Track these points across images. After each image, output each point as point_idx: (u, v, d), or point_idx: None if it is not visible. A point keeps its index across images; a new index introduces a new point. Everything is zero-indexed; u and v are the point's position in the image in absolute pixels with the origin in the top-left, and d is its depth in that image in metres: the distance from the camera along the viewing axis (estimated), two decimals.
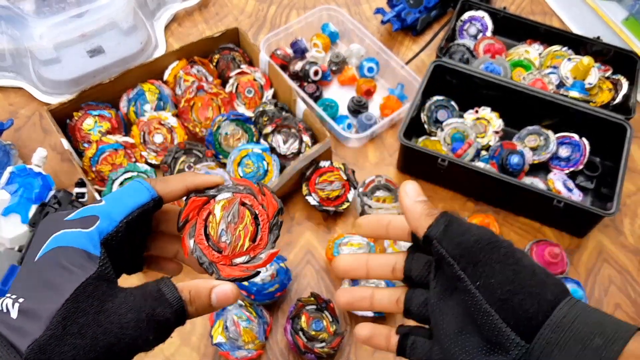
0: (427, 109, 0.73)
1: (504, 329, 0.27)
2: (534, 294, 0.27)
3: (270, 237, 0.32)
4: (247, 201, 0.32)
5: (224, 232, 0.32)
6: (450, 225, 0.30)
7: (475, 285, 0.28)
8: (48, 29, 0.70)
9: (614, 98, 0.75)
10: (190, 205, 0.32)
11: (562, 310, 0.27)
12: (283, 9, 0.89)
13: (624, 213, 0.71)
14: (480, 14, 0.81)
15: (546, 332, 0.26)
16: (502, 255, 0.28)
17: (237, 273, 0.31)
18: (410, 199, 0.32)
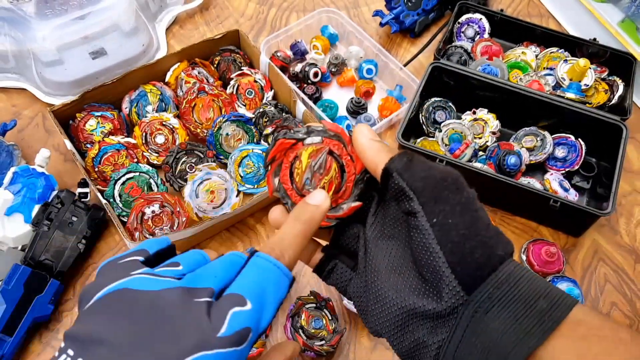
0: (425, 110, 0.74)
1: (448, 274, 0.25)
2: (487, 245, 0.25)
3: (354, 191, 0.31)
4: (336, 150, 0.31)
5: (308, 181, 0.31)
6: (414, 160, 0.28)
7: (430, 222, 0.26)
8: (51, 31, 0.70)
9: (609, 99, 0.75)
10: (278, 146, 0.31)
11: (508, 267, 0.25)
12: (283, 12, 0.90)
13: (619, 213, 0.71)
14: (477, 17, 0.82)
15: (490, 286, 0.25)
16: (464, 199, 0.26)
17: None
18: (366, 138, 0.29)
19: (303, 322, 0.57)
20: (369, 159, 0.29)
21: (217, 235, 0.67)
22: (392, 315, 0.28)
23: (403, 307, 0.27)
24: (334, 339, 0.57)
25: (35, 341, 0.59)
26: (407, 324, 0.27)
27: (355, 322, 0.61)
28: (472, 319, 0.25)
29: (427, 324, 0.27)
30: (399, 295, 0.27)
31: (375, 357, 0.59)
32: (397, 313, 0.27)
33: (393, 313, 0.28)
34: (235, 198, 0.65)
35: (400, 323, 0.28)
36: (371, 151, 0.29)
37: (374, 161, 0.29)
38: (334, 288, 0.63)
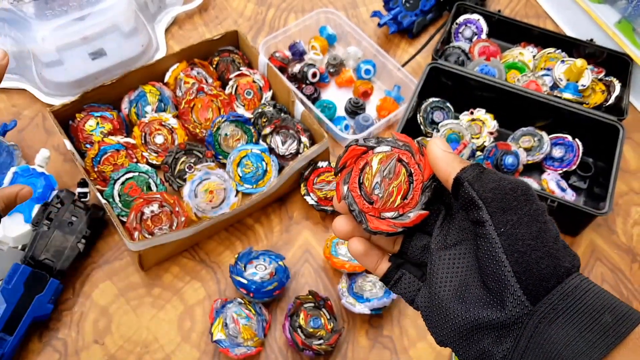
0: (423, 110, 0.74)
1: (513, 283, 0.26)
2: (553, 256, 0.26)
3: (422, 198, 0.32)
4: (405, 158, 0.32)
5: (377, 185, 0.32)
6: (485, 171, 0.29)
7: (498, 232, 0.26)
8: (50, 32, 0.71)
9: (606, 99, 0.75)
10: (349, 153, 0.33)
11: (575, 280, 0.26)
12: (281, 12, 0.90)
13: (616, 212, 0.72)
14: (475, 17, 0.82)
15: (554, 298, 0.25)
16: (533, 210, 0.27)
17: (384, 227, 0.32)
18: (440, 149, 0.30)
19: (301, 321, 0.58)
20: (441, 168, 0.30)
21: (215, 235, 0.67)
22: (457, 326, 0.28)
23: (467, 318, 0.28)
24: (332, 338, 0.57)
25: (35, 340, 0.59)
26: (472, 335, 0.28)
27: (353, 321, 0.62)
28: (537, 329, 0.26)
29: (492, 333, 0.27)
30: (463, 306, 0.28)
31: (373, 356, 0.60)
32: (462, 324, 0.28)
33: (458, 324, 0.28)
34: (233, 198, 0.66)
35: (466, 334, 0.28)
36: (444, 161, 0.30)
37: (446, 170, 0.30)
38: (332, 287, 0.64)
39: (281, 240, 0.67)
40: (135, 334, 0.60)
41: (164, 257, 0.64)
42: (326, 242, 0.64)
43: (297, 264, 0.66)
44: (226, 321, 0.57)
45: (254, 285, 0.58)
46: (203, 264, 0.65)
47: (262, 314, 0.60)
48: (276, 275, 0.60)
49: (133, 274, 0.63)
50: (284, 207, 0.70)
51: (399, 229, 0.31)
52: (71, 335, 0.59)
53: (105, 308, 0.61)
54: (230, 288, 0.63)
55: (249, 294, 0.58)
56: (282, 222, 0.69)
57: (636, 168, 0.76)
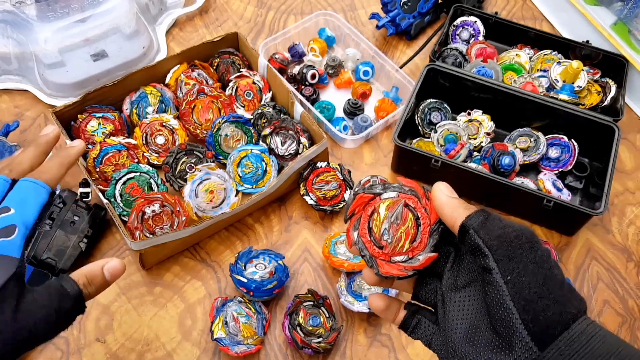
0: (420, 111, 0.75)
1: (521, 330, 0.26)
2: (559, 303, 0.27)
3: (430, 241, 0.33)
4: (411, 203, 0.33)
5: (386, 231, 0.33)
6: (490, 218, 0.29)
7: (505, 279, 0.27)
8: (53, 34, 0.71)
9: (602, 100, 0.76)
10: (357, 201, 0.34)
11: (581, 325, 0.26)
12: (281, 15, 0.91)
13: (612, 212, 0.72)
14: (472, 19, 0.83)
15: (561, 344, 0.26)
16: (538, 257, 0.28)
17: (395, 271, 0.33)
18: (445, 195, 0.32)
19: (301, 319, 0.58)
20: (447, 214, 0.31)
21: (216, 235, 0.67)
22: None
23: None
24: (331, 336, 0.57)
25: None
26: None
27: (352, 319, 0.62)
28: None
29: None
30: (475, 350, 0.29)
31: (371, 354, 0.60)
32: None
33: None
34: (234, 198, 0.66)
35: None
36: (449, 207, 0.31)
37: (452, 217, 0.31)
38: (331, 286, 0.64)
39: (281, 239, 0.68)
40: (136, 332, 0.60)
41: (165, 256, 0.65)
42: (325, 242, 0.64)
43: (297, 263, 0.66)
44: (226, 319, 0.58)
45: (253, 284, 0.58)
46: (203, 263, 0.65)
47: (261, 313, 0.60)
48: (276, 274, 0.60)
49: (134, 273, 0.64)
50: (284, 206, 0.70)
51: (410, 272, 0.32)
52: (73, 333, 0.60)
53: (106, 306, 0.62)
54: (231, 287, 0.64)
55: (249, 293, 0.59)
56: (282, 222, 0.69)
57: (631, 168, 0.77)
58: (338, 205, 0.68)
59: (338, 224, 0.69)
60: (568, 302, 0.27)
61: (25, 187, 0.35)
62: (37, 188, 0.35)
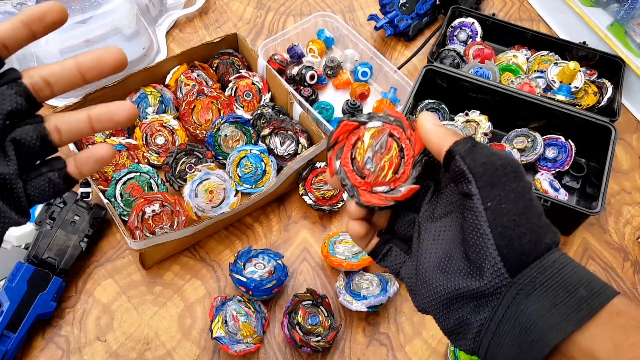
0: (418, 111, 0.75)
1: (495, 255, 0.26)
2: (535, 232, 0.26)
3: (413, 173, 0.32)
4: (396, 133, 0.32)
5: (369, 160, 0.32)
6: (477, 145, 0.29)
7: (485, 205, 0.27)
8: (53, 35, 0.71)
9: (599, 101, 0.76)
10: (341, 128, 0.33)
11: (554, 255, 0.27)
12: (280, 16, 0.91)
13: (608, 212, 0.73)
14: (470, 21, 0.83)
15: (533, 271, 0.26)
16: (520, 187, 0.27)
17: (376, 201, 0.32)
18: (431, 123, 0.31)
19: (300, 318, 0.58)
20: (433, 141, 0.30)
21: (215, 234, 0.68)
22: (439, 296, 0.29)
23: (449, 287, 0.28)
24: (330, 335, 0.58)
25: (38, 337, 0.60)
26: (452, 303, 0.29)
27: (350, 318, 0.63)
28: (514, 300, 0.26)
29: (471, 303, 0.28)
30: (445, 276, 0.29)
31: (369, 352, 0.60)
32: (443, 293, 0.29)
33: (439, 293, 0.29)
34: (233, 198, 0.66)
35: (446, 303, 0.29)
36: (436, 134, 0.30)
37: (439, 143, 0.30)
38: (330, 285, 0.65)
39: (280, 239, 0.68)
40: (136, 331, 0.61)
41: (165, 255, 0.65)
42: (324, 241, 0.65)
43: (296, 262, 0.66)
44: (226, 318, 0.58)
45: (253, 283, 0.58)
46: (203, 263, 0.66)
47: (261, 312, 0.60)
48: (275, 273, 0.60)
49: (134, 273, 0.64)
50: (283, 206, 0.71)
51: (391, 202, 0.32)
52: (74, 332, 0.60)
53: (107, 306, 0.62)
54: (230, 286, 0.64)
55: (249, 292, 0.59)
56: (281, 222, 0.70)
57: (628, 168, 0.77)
58: (337, 205, 0.68)
59: (337, 224, 0.70)
60: (544, 232, 0.27)
61: None
62: None
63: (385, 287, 0.61)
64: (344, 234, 0.66)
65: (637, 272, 0.68)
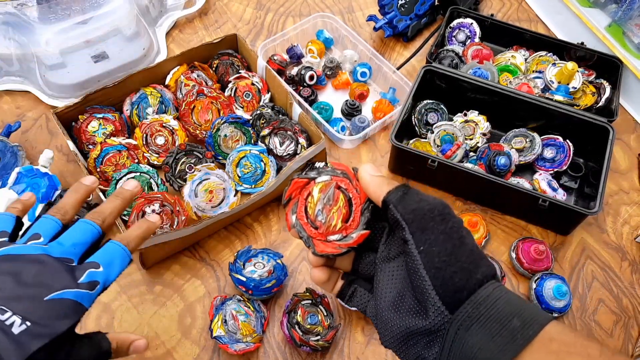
0: (417, 112, 0.75)
1: (433, 295, 0.28)
2: (465, 270, 0.29)
3: (362, 219, 0.34)
4: (343, 185, 0.35)
5: (319, 212, 0.35)
6: (408, 193, 0.32)
7: (418, 250, 0.29)
8: (54, 35, 0.72)
9: (597, 101, 0.77)
10: (293, 186, 0.36)
11: (487, 289, 0.28)
12: (279, 17, 0.91)
13: (606, 212, 0.73)
14: (468, 21, 0.83)
15: (469, 307, 0.28)
16: (448, 228, 0.30)
17: (329, 249, 0.34)
18: (368, 174, 0.34)
19: (299, 318, 0.58)
20: (372, 191, 0.33)
21: (215, 234, 0.68)
22: (396, 333, 0.31)
23: (402, 326, 0.31)
24: (329, 334, 0.58)
25: None
26: (408, 340, 0.31)
27: (349, 318, 0.63)
28: (456, 335, 0.28)
29: (423, 339, 0.30)
30: (399, 315, 0.31)
31: (368, 352, 0.61)
32: (399, 331, 0.31)
33: (396, 331, 0.31)
34: (233, 197, 0.67)
35: (403, 340, 0.31)
36: (373, 185, 0.33)
37: (376, 193, 0.33)
38: None
39: (279, 238, 0.68)
40: (136, 330, 0.61)
41: (165, 255, 0.65)
42: None
43: (295, 262, 0.67)
44: (226, 318, 0.58)
45: (252, 283, 0.59)
46: (203, 262, 0.66)
47: (260, 311, 0.61)
48: (274, 273, 0.61)
49: (135, 272, 0.65)
50: (282, 206, 0.71)
51: (344, 249, 0.34)
52: None
53: (107, 305, 0.62)
54: (230, 285, 0.64)
55: (248, 292, 0.59)
56: (280, 221, 0.70)
57: (626, 168, 0.78)
58: None
59: None
60: (475, 268, 0.29)
61: (115, 250, 0.40)
62: (123, 254, 0.40)
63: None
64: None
65: (635, 272, 0.68)
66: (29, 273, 0.35)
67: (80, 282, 0.36)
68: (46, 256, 0.37)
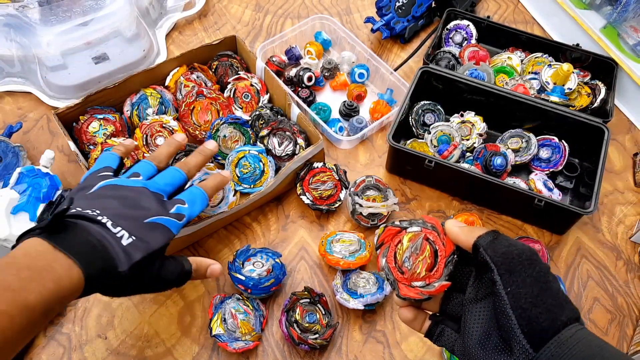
0: (414, 112, 0.76)
1: (518, 334, 0.30)
2: (551, 311, 0.31)
3: (445, 271, 0.38)
4: (431, 237, 0.39)
5: (407, 259, 0.39)
6: (498, 237, 0.34)
7: (506, 290, 0.31)
8: (55, 37, 0.72)
9: (592, 102, 0.77)
10: (386, 232, 0.40)
11: (570, 331, 0.30)
12: (278, 18, 0.92)
13: (601, 211, 0.73)
14: (465, 23, 0.84)
15: (552, 347, 0.30)
16: (535, 272, 0.32)
17: (412, 294, 0.38)
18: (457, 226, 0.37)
19: (297, 316, 0.59)
20: (463, 239, 0.36)
21: (215, 233, 0.69)
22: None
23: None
24: (327, 332, 0.58)
25: (40, 335, 0.60)
26: None
27: (347, 316, 0.63)
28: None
29: None
30: (484, 353, 0.33)
31: (366, 350, 0.61)
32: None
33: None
34: (232, 197, 0.67)
35: None
36: (463, 234, 0.36)
37: (467, 239, 0.36)
38: (327, 284, 0.65)
39: (278, 238, 0.69)
40: (137, 329, 0.61)
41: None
42: (321, 240, 0.65)
43: (293, 261, 0.67)
44: (225, 316, 0.59)
45: (251, 282, 0.59)
46: None
47: (259, 310, 0.61)
48: (273, 272, 0.61)
49: None
50: (281, 206, 0.72)
51: (425, 296, 0.38)
52: (75, 330, 0.61)
53: (108, 304, 0.63)
54: (229, 284, 0.65)
55: (247, 290, 0.59)
56: (279, 221, 0.70)
57: (620, 168, 0.78)
58: (334, 205, 0.69)
59: (334, 223, 0.71)
60: (560, 311, 0.31)
61: (197, 192, 0.51)
62: (204, 196, 0.51)
63: (381, 285, 0.62)
64: (341, 233, 0.66)
65: (630, 271, 0.69)
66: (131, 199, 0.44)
67: (170, 212, 0.46)
68: (144, 189, 0.46)
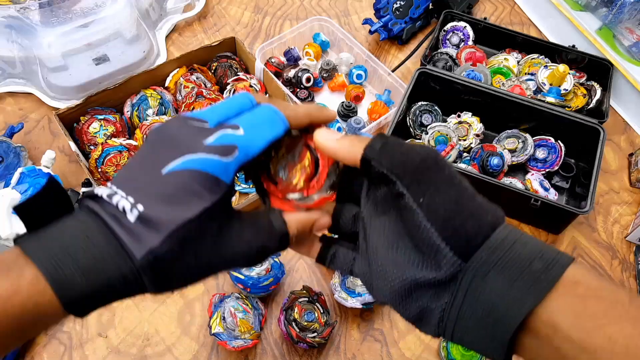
0: (412, 113, 0.76)
1: (443, 247, 0.26)
2: (475, 216, 0.26)
3: (327, 182, 0.31)
4: (312, 145, 0.31)
5: (281, 169, 0.32)
6: (388, 144, 0.28)
7: (418, 202, 0.27)
8: (56, 38, 0.73)
9: (588, 103, 0.77)
10: None
11: (501, 232, 0.26)
12: (277, 20, 0.92)
13: (597, 211, 0.74)
14: (462, 25, 0.84)
15: (484, 253, 0.25)
16: (446, 176, 0.27)
17: (286, 208, 0.31)
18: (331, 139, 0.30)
19: (296, 315, 0.59)
20: (344, 155, 0.29)
21: None
22: (395, 288, 0.28)
23: (404, 279, 0.28)
24: (326, 331, 0.58)
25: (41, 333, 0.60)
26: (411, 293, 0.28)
27: (345, 315, 0.63)
28: (471, 283, 0.26)
29: (430, 291, 0.27)
30: (399, 269, 0.28)
31: (364, 348, 0.61)
32: (399, 285, 0.28)
33: (396, 286, 0.28)
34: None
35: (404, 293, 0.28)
36: (343, 148, 0.29)
37: (351, 154, 0.29)
38: (325, 283, 0.66)
39: None
40: (137, 327, 0.62)
41: None
42: None
43: (292, 260, 0.67)
44: (224, 315, 0.59)
45: (250, 281, 0.59)
46: None
47: (258, 308, 0.61)
48: (272, 271, 0.61)
49: None
50: None
51: (302, 210, 0.31)
52: (76, 328, 0.61)
53: None
54: (228, 283, 0.65)
55: (246, 289, 0.60)
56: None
57: (616, 168, 0.79)
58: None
59: None
60: (484, 213, 0.26)
61: (264, 112, 0.30)
62: (275, 118, 0.29)
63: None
64: None
65: (625, 270, 0.69)
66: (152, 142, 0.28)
67: (207, 144, 0.27)
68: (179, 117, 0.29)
